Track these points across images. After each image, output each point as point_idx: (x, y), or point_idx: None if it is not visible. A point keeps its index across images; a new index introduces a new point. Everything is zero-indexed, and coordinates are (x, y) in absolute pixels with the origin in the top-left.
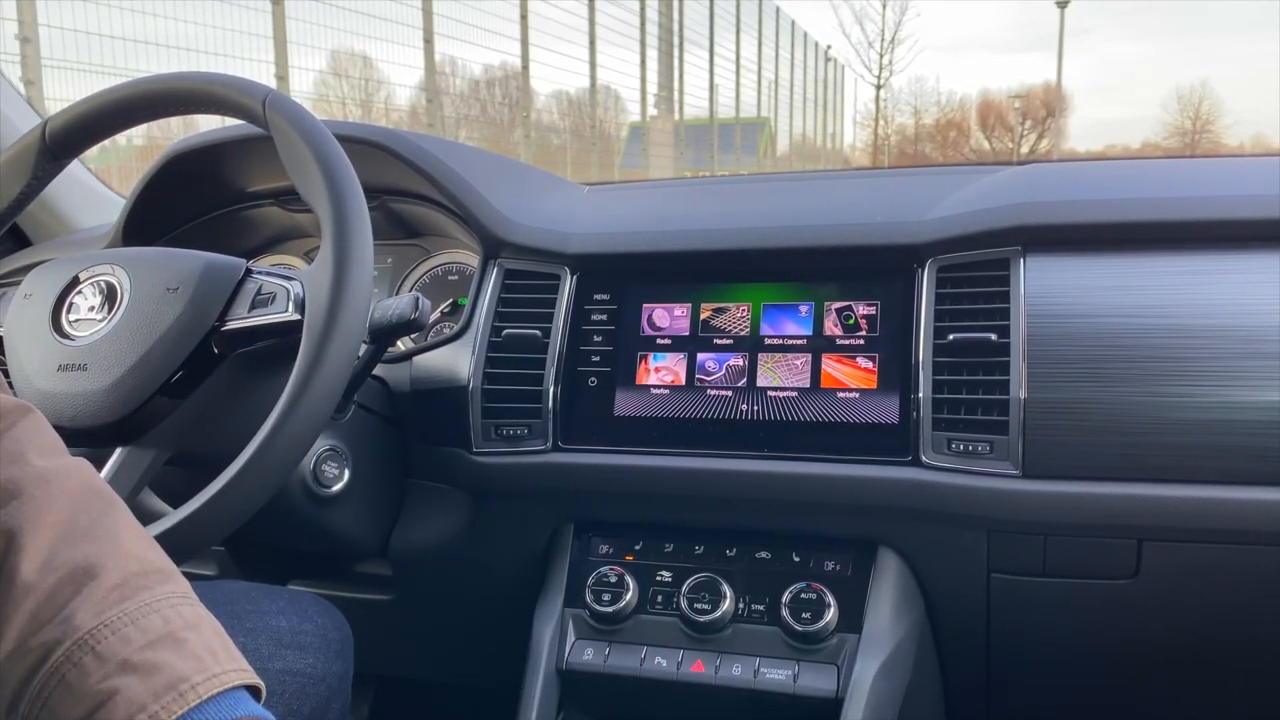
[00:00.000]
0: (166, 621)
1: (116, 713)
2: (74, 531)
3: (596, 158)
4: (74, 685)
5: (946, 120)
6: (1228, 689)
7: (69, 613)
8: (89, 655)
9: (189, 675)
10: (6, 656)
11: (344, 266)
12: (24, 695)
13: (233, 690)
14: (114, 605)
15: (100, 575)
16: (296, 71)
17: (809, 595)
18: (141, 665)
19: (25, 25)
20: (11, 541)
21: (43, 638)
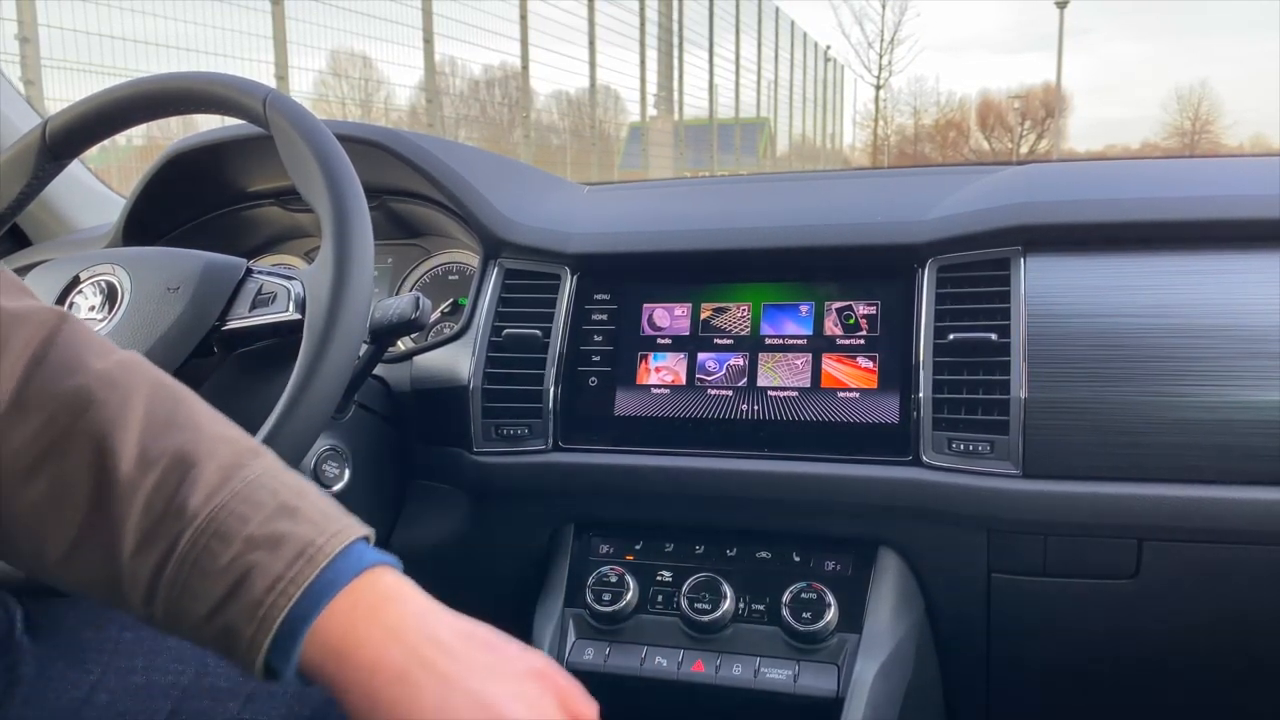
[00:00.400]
0: (274, 494)
1: (256, 587)
2: (156, 425)
3: (596, 158)
4: (207, 568)
5: (946, 120)
6: (1228, 688)
7: (180, 502)
8: (213, 539)
9: (312, 539)
10: (130, 556)
11: (345, 266)
12: (157, 588)
13: (353, 545)
14: (221, 488)
15: (198, 461)
16: (296, 71)
17: (809, 595)
18: (265, 539)
19: (25, 25)
20: (101, 445)
21: (162, 531)
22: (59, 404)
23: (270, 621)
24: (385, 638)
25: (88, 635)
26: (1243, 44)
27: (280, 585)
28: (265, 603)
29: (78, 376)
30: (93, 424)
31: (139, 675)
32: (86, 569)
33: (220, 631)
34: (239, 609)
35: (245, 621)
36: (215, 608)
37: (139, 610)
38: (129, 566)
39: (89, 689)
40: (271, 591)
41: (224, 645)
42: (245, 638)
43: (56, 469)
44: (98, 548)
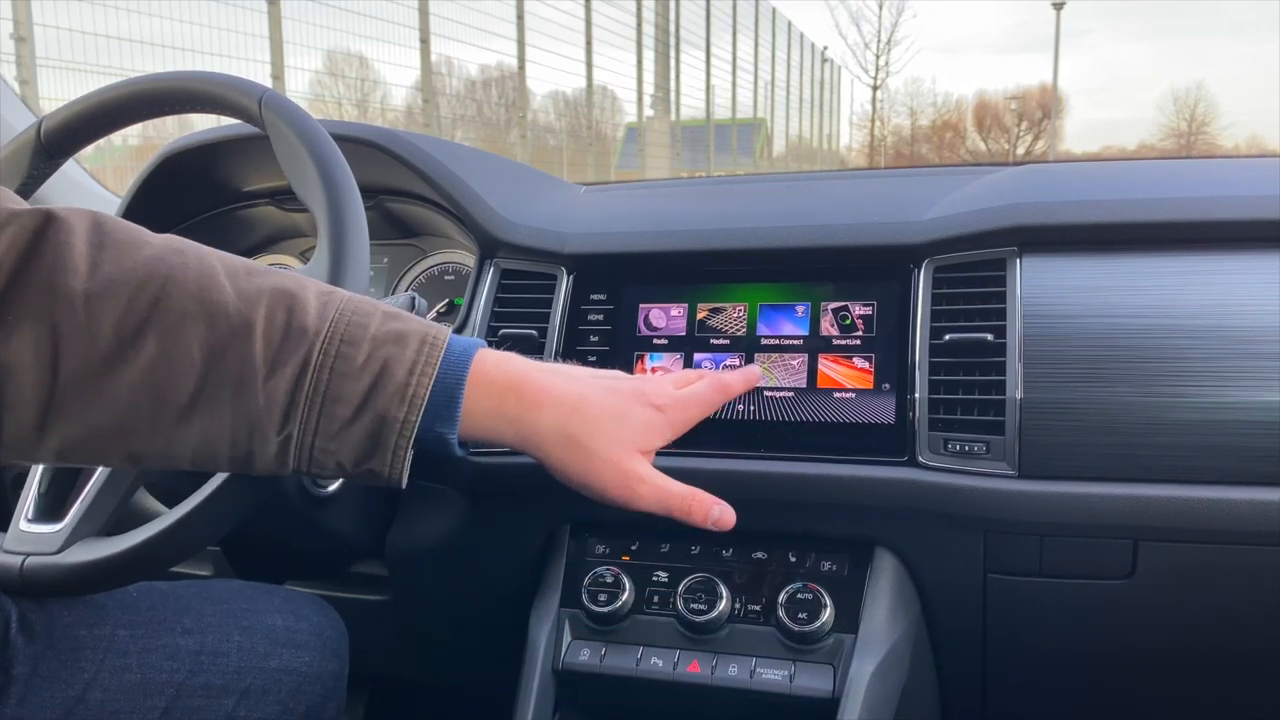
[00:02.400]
0: (374, 306)
1: (396, 374)
2: (237, 273)
3: (593, 158)
4: (345, 371)
5: (943, 121)
6: (1223, 689)
7: (298, 324)
8: (343, 345)
9: (424, 331)
10: (264, 381)
11: (340, 266)
12: (296, 402)
13: (453, 335)
14: (328, 307)
15: (295, 291)
16: (292, 71)
17: (805, 595)
18: (388, 336)
19: (20, 25)
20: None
21: (289, 351)
22: (142, 274)
23: (419, 399)
24: (537, 369)
25: (82, 634)
26: (1239, 46)
27: (418, 368)
28: (410, 384)
29: (144, 249)
30: (184, 281)
31: (133, 673)
32: (213, 413)
33: (369, 425)
34: (386, 397)
35: (395, 405)
36: (361, 404)
37: (272, 439)
38: (263, 392)
39: (83, 687)
40: (412, 374)
41: (370, 442)
42: (396, 420)
43: (162, 328)
44: (224, 386)
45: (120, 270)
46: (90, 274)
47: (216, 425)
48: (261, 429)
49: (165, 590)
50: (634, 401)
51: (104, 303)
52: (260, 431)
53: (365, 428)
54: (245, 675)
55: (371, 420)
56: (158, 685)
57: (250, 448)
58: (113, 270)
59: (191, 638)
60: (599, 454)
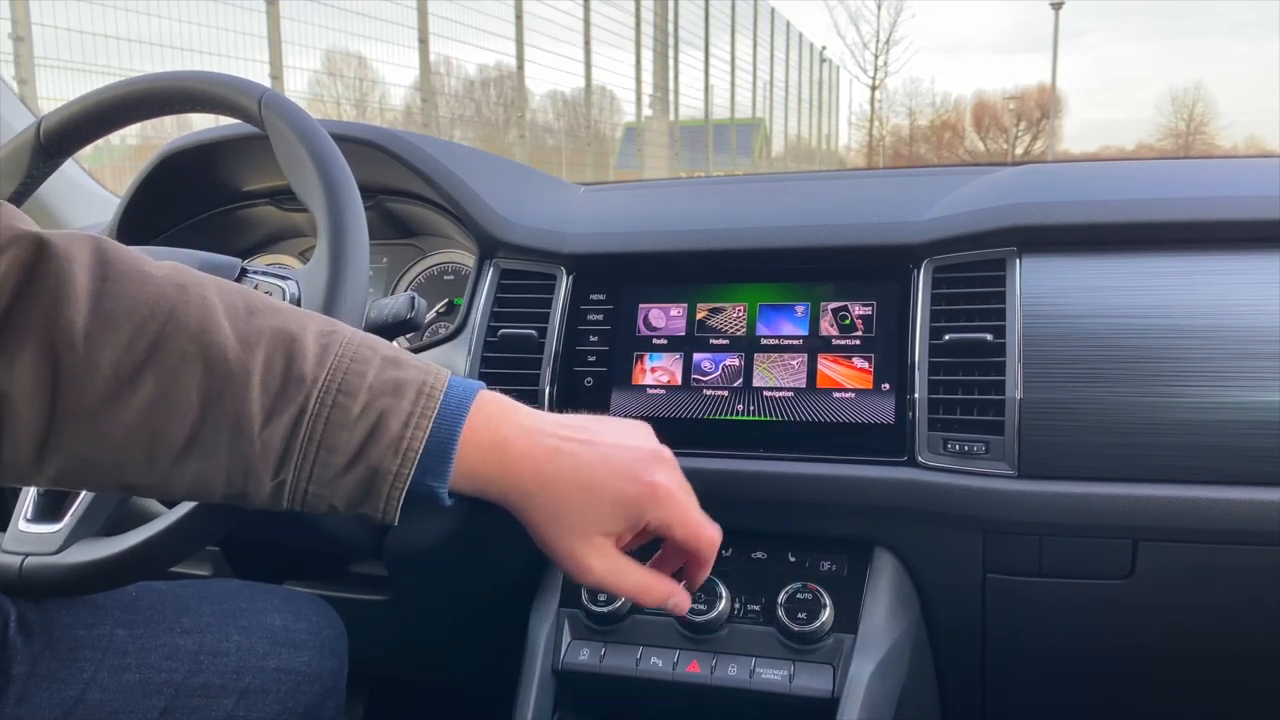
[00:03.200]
0: (373, 350)
1: (391, 427)
2: (238, 312)
3: (591, 158)
4: (341, 421)
5: (941, 121)
6: (1223, 689)
7: (296, 371)
8: (340, 395)
9: (423, 379)
10: (260, 429)
11: (340, 266)
12: (291, 451)
13: (451, 379)
14: (327, 352)
15: (295, 335)
16: (291, 71)
17: (805, 595)
18: (385, 386)
19: (19, 24)
20: (201, 339)
21: (286, 399)
22: (143, 311)
23: (413, 452)
24: (527, 432)
25: (80, 634)
26: (1237, 46)
27: (413, 420)
28: (404, 437)
29: (146, 284)
30: (185, 322)
31: (132, 673)
32: (208, 456)
33: (362, 475)
34: (380, 449)
35: (389, 458)
36: (355, 455)
37: (266, 483)
38: (259, 439)
39: (82, 687)
40: (407, 427)
41: (363, 490)
42: (389, 473)
43: (161, 369)
44: (221, 431)
45: (122, 306)
46: (92, 307)
47: (211, 468)
48: (256, 473)
49: (164, 590)
50: (621, 476)
51: (104, 339)
52: (255, 476)
53: (358, 477)
54: (244, 675)
55: (365, 470)
56: (157, 685)
57: (245, 489)
58: (114, 305)
59: (190, 637)
60: (554, 533)
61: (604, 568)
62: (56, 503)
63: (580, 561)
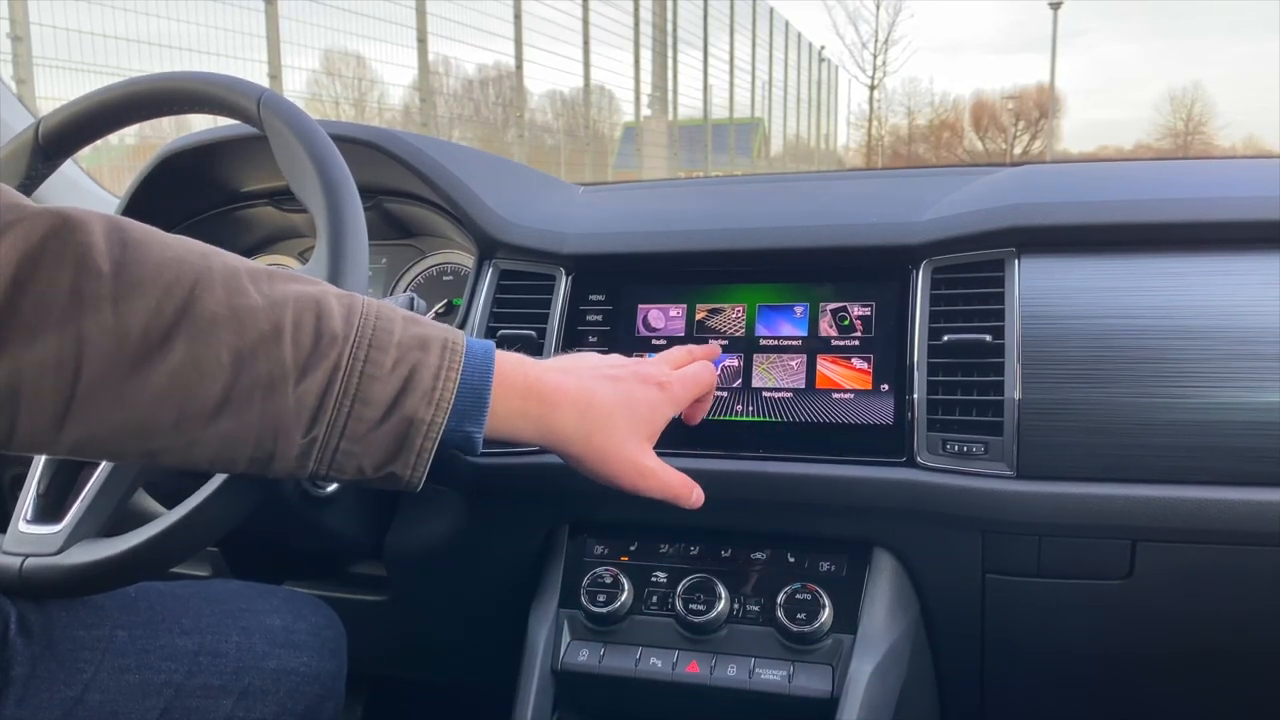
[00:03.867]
0: (394, 310)
1: (424, 378)
2: (259, 277)
3: (590, 158)
4: (375, 374)
5: (940, 121)
6: (1221, 689)
7: (326, 329)
8: (372, 349)
9: (444, 335)
10: (294, 385)
11: (339, 266)
12: (325, 406)
13: (468, 339)
14: (352, 312)
15: (319, 296)
16: (290, 71)
17: (804, 596)
18: (412, 341)
19: (17, 24)
20: (230, 301)
21: (319, 355)
22: (169, 275)
23: (445, 402)
24: (549, 373)
25: (80, 634)
26: (1236, 46)
27: (443, 372)
28: (437, 388)
29: (166, 249)
30: (212, 284)
31: (132, 674)
32: (240, 416)
33: (397, 427)
34: (414, 400)
35: (424, 407)
36: (390, 407)
37: (296, 442)
38: (294, 395)
39: (82, 688)
40: (438, 378)
41: (398, 441)
42: (424, 422)
43: (191, 332)
44: (254, 390)
45: (146, 271)
46: (115, 276)
47: (241, 428)
48: (287, 431)
49: (164, 590)
50: (637, 384)
51: (132, 305)
52: (286, 434)
53: (393, 429)
54: (244, 675)
55: (399, 422)
56: (156, 686)
57: (274, 449)
58: (138, 272)
59: (190, 638)
60: (614, 450)
61: (659, 466)
62: (57, 503)
63: (644, 466)
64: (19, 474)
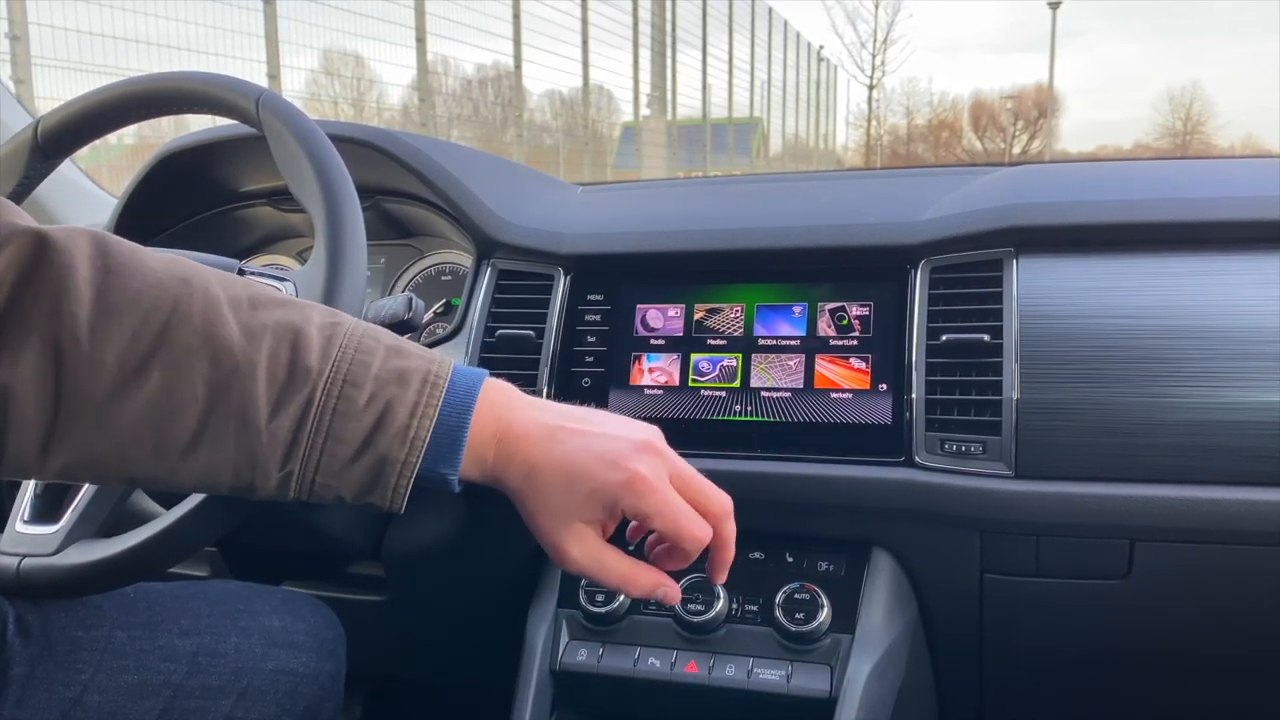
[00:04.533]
0: (376, 340)
1: (398, 416)
2: (241, 305)
3: (589, 158)
4: (348, 412)
5: (939, 121)
6: (1219, 689)
7: (302, 363)
8: (346, 385)
9: (427, 369)
10: (266, 421)
11: (337, 266)
12: (299, 442)
13: (454, 367)
14: (332, 343)
15: (299, 327)
16: (288, 70)
17: (802, 596)
18: (390, 376)
19: (16, 23)
20: (207, 332)
21: (293, 390)
22: (146, 304)
23: (420, 441)
24: (528, 417)
25: (79, 635)
26: (1235, 46)
27: (419, 409)
28: (411, 426)
29: (149, 276)
30: (189, 314)
31: (130, 675)
32: (216, 448)
33: (370, 464)
34: (388, 439)
35: (397, 447)
36: (362, 444)
37: (273, 475)
38: (266, 431)
39: (80, 689)
40: (414, 416)
41: (371, 479)
42: (398, 462)
43: (166, 361)
44: (228, 423)
45: (125, 298)
46: (95, 301)
47: (219, 460)
48: (264, 465)
49: (162, 591)
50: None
51: (109, 332)
52: (262, 467)
53: (366, 467)
54: (242, 676)
55: (373, 460)
56: (155, 686)
57: (252, 480)
58: (117, 298)
59: (189, 639)
60: (539, 520)
61: (583, 555)
62: (54, 504)
63: (560, 548)
64: None
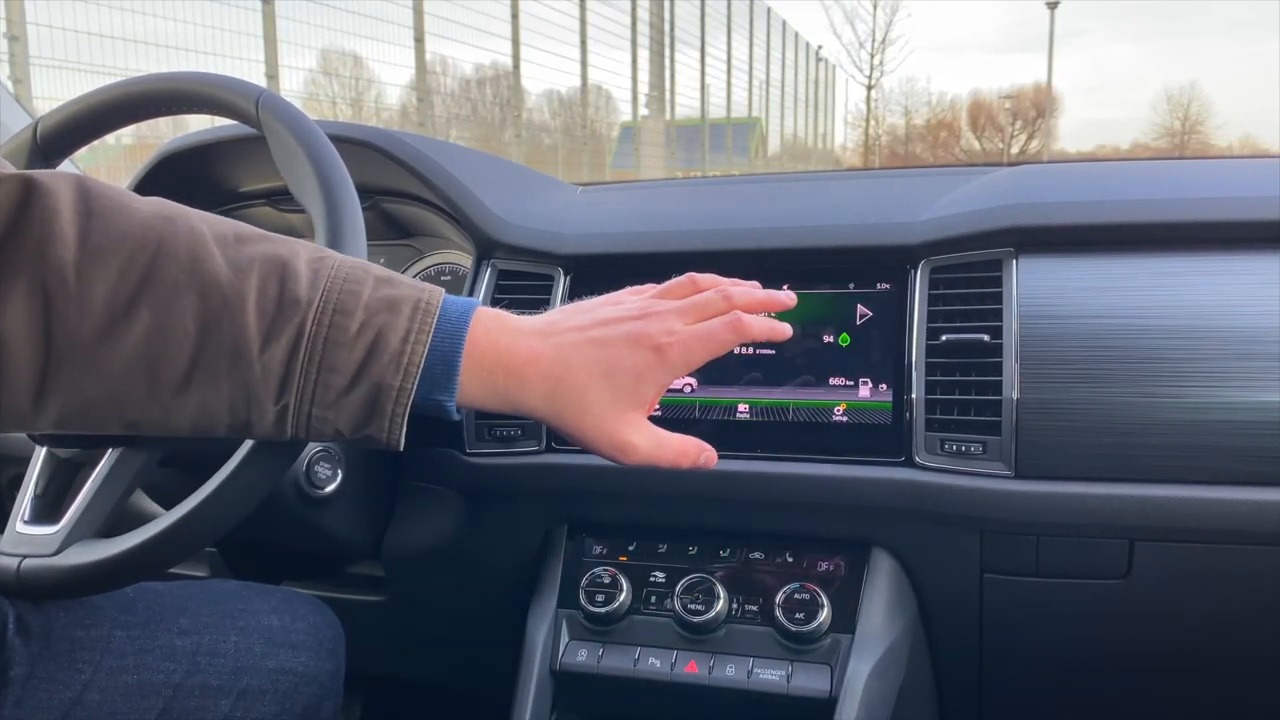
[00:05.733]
0: (365, 271)
1: (390, 343)
2: (227, 241)
3: (588, 158)
4: (339, 340)
5: (937, 120)
6: (1219, 688)
7: (290, 294)
8: (336, 314)
9: (418, 296)
10: (259, 353)
11: None
12: (292, 373)
13: (446, 296)
14: (320, 275)
15: (286, 260)
16: (287, 70)
17: (802, 596)
18: (380, 304)
19: (14, 24)
20: (194, 267)
21: (283, 321)
22: (132, 243)
23: (414, 367)
24: (525, 337)
25: (78, 635)
26: (1233, 46)
27: (412, 335)
28: (404, 352)
29: (133, 216)
30: (174, 251)
31: (130, 674)
32: (209, 384)
33: (365, 394)
34: (381, 366)
35: (391, 373)
36: (356, 373)
37: (269, 409)
38: (259, 363)
39: (80, 689)
40: (406, 342)
41: (367, 409)
42: (392, 389)
43: (154, 299)
44: (220, 358)
45: (109, 239)
46: (80, 243)
47: (213, 396)
48: (258, 399)
49: (162, 591)
50: (627, 348)
51: (94, 272)
52: (257, 401)
53: (362, 396)
54: (242, 675)
55: (368, 389)
56: (154, 686)
57: (248, 416)
58: (102, 239)
59: (188, 638)
60: (590, 427)
61: (646, 442)
62: (54, 504)
63: (622, 441)
64: (17, 474)
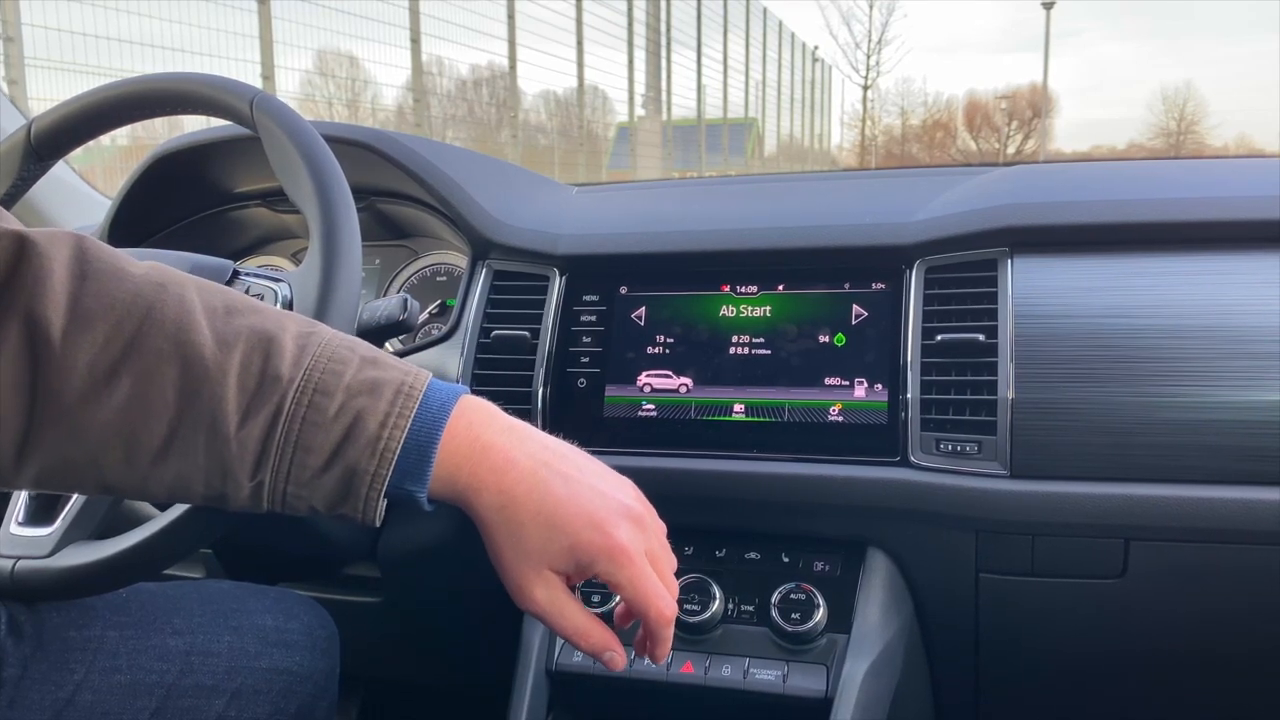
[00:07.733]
0: (351, 350)
1: (368, 427)
2: (216, 312)
3: (584, 158)
4: (317, 421)
5: (933, 121)
6: (1215, 688)
7: (273, 371)
8: (316, 394)
9: (402, 380)
10: (236, 429)
11: (332, 267)
12: (268, 451)
13: (431, 380)
14: (305, 352)
15: (273, 335)
16: (282, 71)
17: (798, 596)
18: (362, 386)
19: (9, 24)
20: (178, 338)
21: (263, 398)
22: (120, 310)
23: (390, 453)
24: (508, 443)
25: (71, 635)
26: (1228, 46)
27: (390, 420)
28: (381, 438)
29: (125, 282)
30: (161, 321)
31: (123, 674)
32: (186, 456)
33: (339, 477)
34: (357, 450)
35: (366, 459)
36: (332, 455)
37: (244, 485)
38: (236, 440)
39: (73, 689)
40: (385, 427)
41: (341, 490)
42: (367, 474)
43: (137, 368)
44: (198, 431)
45: (99, 304)
46: (70, 306)
47: (190, 468)
48: (234, 474)
49: (155, 591)
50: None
51: (80, 338)
52: (233, 476)
53: (336, 477)
54: (236, 675)
55: (342, 471)
56: (148, 686)
57: (224, 490)
58: (92, 304)
59: (181, 638)
60: (506, 558)
61: (546, 600)
62: (48, 506)
63: (524, 588)
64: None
